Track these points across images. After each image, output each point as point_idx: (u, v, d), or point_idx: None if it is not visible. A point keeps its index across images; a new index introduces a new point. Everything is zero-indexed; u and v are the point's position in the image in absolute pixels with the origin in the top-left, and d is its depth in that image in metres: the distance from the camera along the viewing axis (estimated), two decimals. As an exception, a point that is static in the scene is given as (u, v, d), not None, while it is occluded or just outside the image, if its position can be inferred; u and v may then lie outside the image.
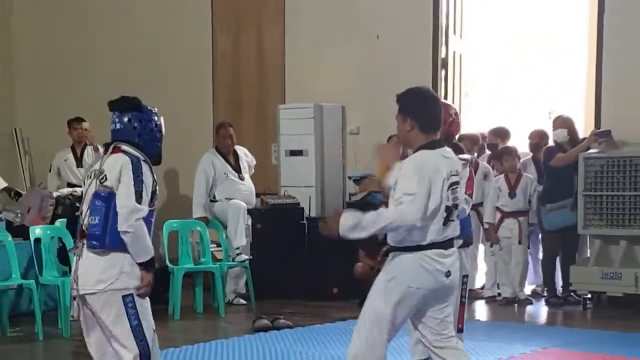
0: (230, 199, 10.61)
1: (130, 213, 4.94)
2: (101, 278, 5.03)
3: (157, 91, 13.26)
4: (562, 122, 10.22)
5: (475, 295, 10.46)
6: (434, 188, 4.84)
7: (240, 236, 10.40)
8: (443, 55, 12.00)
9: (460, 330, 6.03)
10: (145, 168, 5.09)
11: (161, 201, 13.01)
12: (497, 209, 10.37)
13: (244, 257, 10.34)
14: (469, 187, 5.86)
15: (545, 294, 10.50)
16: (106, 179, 5.05)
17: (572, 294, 10.12)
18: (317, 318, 9.40)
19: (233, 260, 10.31)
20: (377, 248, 10.44)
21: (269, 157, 12.20)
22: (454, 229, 5.03)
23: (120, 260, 5.05)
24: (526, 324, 9.48)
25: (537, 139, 10.78)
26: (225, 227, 10.50)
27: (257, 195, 11.10)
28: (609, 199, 9.73)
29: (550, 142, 10.51)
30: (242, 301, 10.42)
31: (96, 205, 5.01)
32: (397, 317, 5.01)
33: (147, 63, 13.58)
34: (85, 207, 5.12)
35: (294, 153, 11.66)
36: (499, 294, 10.47)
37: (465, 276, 6.17)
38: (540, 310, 10.23)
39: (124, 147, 5.14)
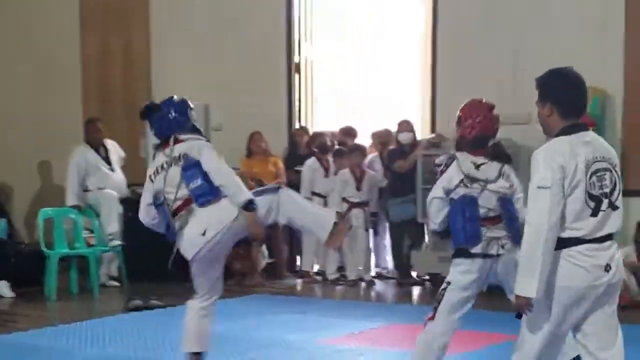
0: (102, 188, 10.55)
1: (223, 170, 5.41)
2: (227, 215, 5.29)
3: (30, 88, 13.05)
4: (407, 126, 10.56)
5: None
6: (569, 176, 4.05)
7: (112, 223, 10.38)
8: (296, 60, 12.22)
9: None
10: None
11: (36, 190, 12.94)
12: (344, 200, 10.64)
13: (116, 242, 10.30)
14: None
15: (390, 275, 10.89)
16: (187, 157, 5.36)
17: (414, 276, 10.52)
18: (186, 298, 9.37)
19: (106, 246, 10.26)
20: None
21: (138, 151, 12.16)
22: (612, 223, 4.16)
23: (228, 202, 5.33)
24: (373, 302, 9.79)
25: (382, 138, 11.15)
26: (98, 215, 10.43)
27: (128, 185, 11.05)
28: (444, 192, 10.08)
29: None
30: (115, 283, 10.39)
31: (191, 173, 5.31)
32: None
33: (19, 60, 13.26)
34: (171, 187, 5.35)
35: (161, 147, 11.62)
36: (344, 276, 10.74)
37: None
38: (385, 290, 10.54)
39: (182, 136, 5.47)
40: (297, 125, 12.18)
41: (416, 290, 10.34)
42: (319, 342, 7.33)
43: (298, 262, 11.54)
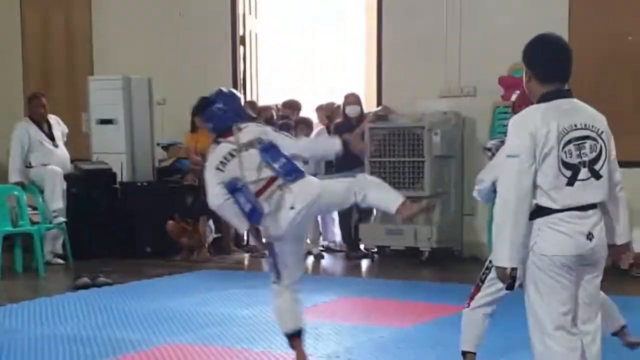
0: (46, 164, 10.36)
1: (300, 142, 5.81)
2: (312, 190, 5.31)
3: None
4: (355, 99, 10.53)
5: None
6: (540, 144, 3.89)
7: (56, 200, 10.19)
8: (241, 33, 12.11)
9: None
10: None
11: (-22, 168, 12.66)
12: (291, 173, 10.58)
13: (61, 219, 10.13)
14: None
15: (338, 249, 10.90)
16: (261, 140, 5.45)
17: (362, 248, 10.54)
18: (134, 275, 9.35)
19: (50, 223, 10.08)
20: (191, 211, 10.57)
21: (80, 126, 11.98)
22: (595, 192, 3.98)
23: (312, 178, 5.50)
24: (322, 276, 9.78)
25: (328, 112, 11.11)
26: (41, 192, 10.24)
27: (71, 161, 10.87)
28: (390, 164, 10.10)
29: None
30: (60, 261, 10.23)
31: (272, 153, 5.39)
32: None
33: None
34: (251, 170, 5.33)
35: (104, 122, 11.52)
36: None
37: None
38: (334, 264, 10.56)
39: (242, 125, 5.55)
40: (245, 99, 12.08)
41: (365, 263, 10.35)
42: (272, 316, 7.28)
43: (245, 237, 11.47)
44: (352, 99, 10.50)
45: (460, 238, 10.24)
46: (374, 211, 10.34)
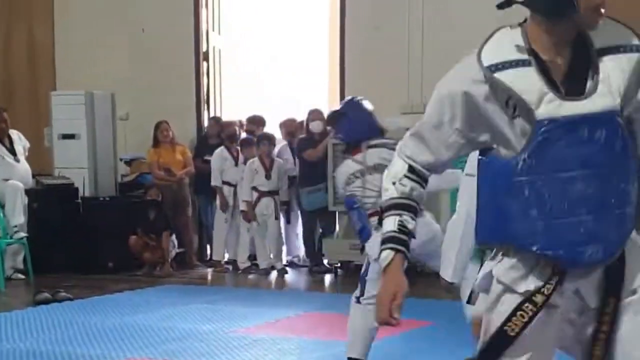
0: (7, 179, 10.23)
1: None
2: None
3: None
4: (319, 115, 10.54)
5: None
6: None
7: (17, 215, 10.06)
8: (204, 49, 12.10)
9: None
10: None
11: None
12: (254, 189, 10.57)
13: (22, 234, 10.01)
14: None
15: (302, 263, 10.88)
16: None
17: (326, 264, 10.51)
18: (95, 290, 9.26)
19: (11, 238, 9.96)
20: (154, 226, 10.51)
21: (42, 140, 11.87)
22: None
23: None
24: (285, 291, 9.75)
25: (290, 127, 11.13)
26: (2, 207, 10.11)
27: (33, 176, 10.75)
28: (354, 180, 10.08)
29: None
30: (21, 276, 10.09)
31: None
32: None
33: None
34: (370, 198, 5.27)
35: (66, 137, 11.42)
36: (256, 265, 10.68)
37: None
38: (298, 279, 10.53)
39: (373, 141, 5.46)
40: (205, 115, 12.06)
41: (328, 278, 10.33)
42: (235, 332, 7.25)
43: (208, 252, 11.42)
44: (316, 115, 10.51)
45: (424, 253, 10.24)
46: (337, 226, 10.34)
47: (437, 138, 2.65)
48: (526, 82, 2.47)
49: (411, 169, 2.70)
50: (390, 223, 2.65)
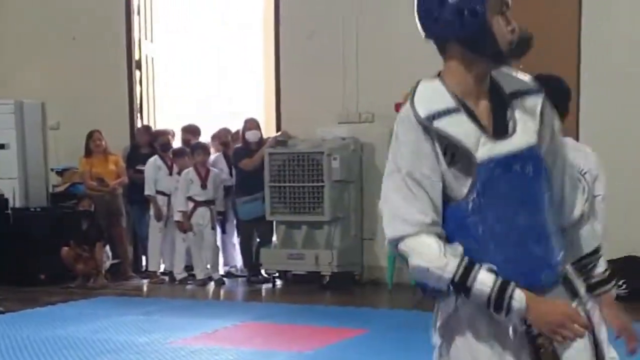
0: None
1: None
2: None
3: None
4: (254, 124, 10.50)
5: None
6: None
7: (-55, 227, 9.83)
8: (137, 57, 11.99)
9: None
10: None
11: None
12: (189, 198, 10.49)
13: (-49, 247, 9.78)
14: None
15: (239, 274, 10.81)
16: None
17: (264, 273, 10.46)
18: (27, 303, 9.08)
19: (-62, 250, 9.73)
20: (87, 237, 10.35)
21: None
22: None
23: None
24: (223, 301, 9.68)
25: (222, 138, 11.06)
26: None
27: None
28: (290, 189, 10.07)
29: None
30: (-50, 289, 9.85)
31: None
32: None
33: None
34: None
35: (-5, 146, 11.20)
36: (193, 276, 10.58)
37: None
38: (235, 289, 10.43)
39: None
40: (138, 123, 11.94)
41: (266, 288, 10.26)
42: (172, 343, 7.17)
43: (143, 263, 11.28)
44: (252, 124, 10.47)
45: (361, 262, 10.27)
46: (275, 236, 10.31)
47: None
48: (462, 128, 2.58)
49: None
50: (484, 276, 2.54)
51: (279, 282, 10.33)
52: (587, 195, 3.91)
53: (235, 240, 10.90)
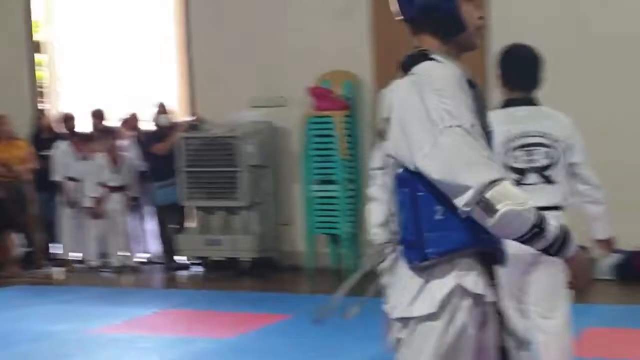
0: None
1: None
2: None
3: None
4: (165, 108, 10.41)
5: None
6: None
7: None
8: (38, 40, 11.79)
9: None
10: None
11: None
12: (100, 184, 10.35)
13: None
14: None
15: (156, 260, 10.70)
16: None
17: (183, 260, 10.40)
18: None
19: None
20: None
21: None
22: (543, 196, 4.07)
23: None
24: (140, 288, 9.57)
25: (131, 123, 10.92)
26: None
27: None
28: (206, 175, 10.02)
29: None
30: None
31: None
32: None
33: None
34: None
35: None
36: (108, 263, 10.44)
37: None
38: (152, 276, 10.33)
39: None
40: (44, 108, 11.72)
41: (184, 275, 10.21)
42: (91, 331, 7.10)
43: (55, 250, 11.07)
44: (163, 109, 10.38)
45: (279, 248, 10.30)
46: (191, 222, 10.25)
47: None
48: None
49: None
50: (549, 220, 2.59)
51: (197, 269, 10.30)
52: (555, 162, 4.13)
53: (152, 226, 10.79)
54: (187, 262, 10.33)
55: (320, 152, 9.68)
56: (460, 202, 2.50)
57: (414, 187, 2.61)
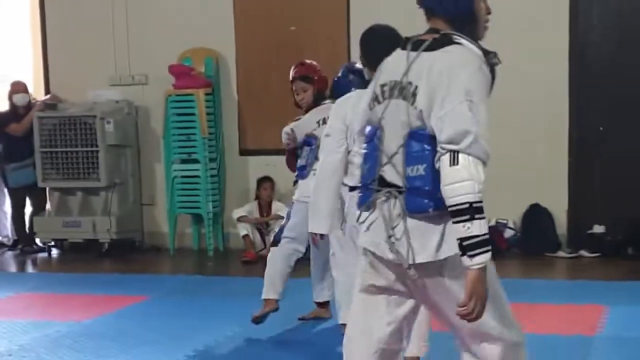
0: None
1: None
2: None
3: None
4: (22, 87, 10.12)
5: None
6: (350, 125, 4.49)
7: None
8: None
9: None
10: None
11: None
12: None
13: None
14: None
15: (11, 244, 10.42)
16: None
17: (39, 243, 10.16)
18: None
19: None
20: None
21: None
22: None
23: None
24: (-5, 272, 9.34)
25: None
26: None
27: None
28: (63, 155, 9.80)
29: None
30: None
31: None
32: None
33: None
34: None
35: None
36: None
37: None
38: (8, 259, 10.05)
39: None
40: None
41: (41, 258, 9.99)
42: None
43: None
44: (19, 87, 10.10)
45: (141, 228, 10.18)
46: (48, 204, 10.03)
47: None
48: None
49: None
50: (485, 226, 2.80)
51: (55, 251, 10.09)
52: None
53: (7, 209, 10.49)
54: (45, 245, 10.09)
55: (181, 131, 9.60)
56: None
57: (434, 145, 2.85)
